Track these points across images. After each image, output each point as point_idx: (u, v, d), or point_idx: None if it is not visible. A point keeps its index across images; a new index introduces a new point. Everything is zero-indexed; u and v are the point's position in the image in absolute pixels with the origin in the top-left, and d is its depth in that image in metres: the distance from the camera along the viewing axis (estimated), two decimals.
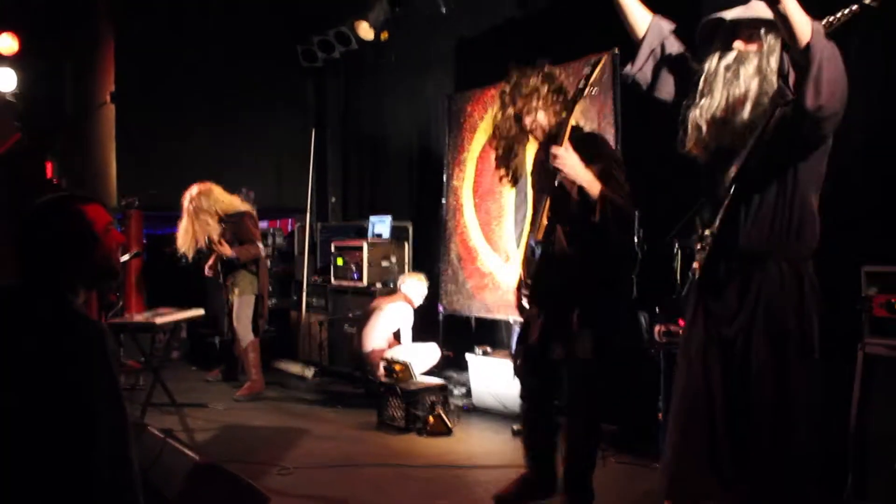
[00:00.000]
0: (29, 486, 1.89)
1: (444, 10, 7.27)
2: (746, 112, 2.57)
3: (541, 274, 3.67)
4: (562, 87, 3.65)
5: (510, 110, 3.67)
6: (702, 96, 2.66)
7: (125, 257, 6.43)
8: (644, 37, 2.89)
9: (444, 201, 6.94)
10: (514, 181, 3.85)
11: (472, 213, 6.62)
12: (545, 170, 3.57)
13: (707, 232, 2.71)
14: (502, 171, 3.81)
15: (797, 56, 2.38)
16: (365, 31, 7.87)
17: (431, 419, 5.27)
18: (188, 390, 6.50)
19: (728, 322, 2.67)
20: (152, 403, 5.47)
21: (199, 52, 8.49)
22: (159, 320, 5.26)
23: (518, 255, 5.92)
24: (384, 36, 7.98)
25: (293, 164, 8.96)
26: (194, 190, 6.43)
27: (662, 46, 2.89)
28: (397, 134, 8.56)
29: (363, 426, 5.54)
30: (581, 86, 3.37)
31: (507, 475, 4.32)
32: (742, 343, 2.62)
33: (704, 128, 2.64)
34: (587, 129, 4.73)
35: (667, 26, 2.90)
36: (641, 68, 2.92)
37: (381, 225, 7.63)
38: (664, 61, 2.90)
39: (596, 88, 5.29)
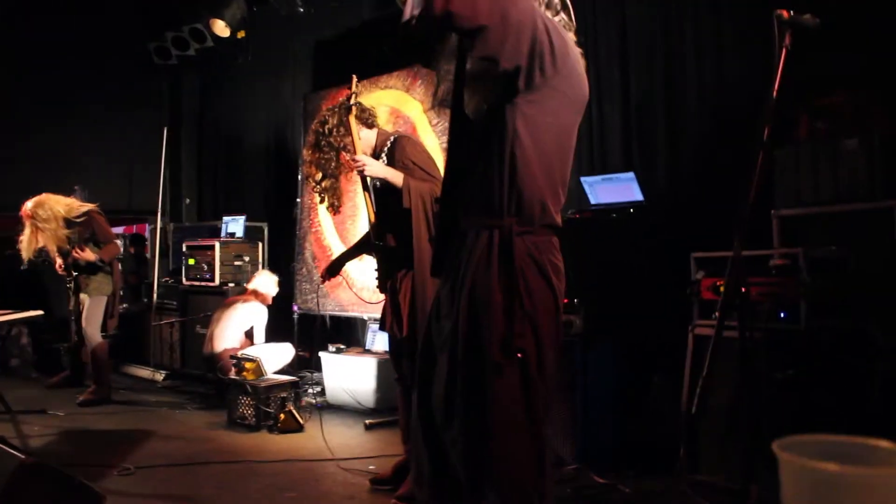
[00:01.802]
0: None
1: (301, 10, 7.27)
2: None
3: (382, 267, 3.86)
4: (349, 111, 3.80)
5: (318, 153, 3.88)
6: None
7: None
8: None
9: (298, 200, 6.91)
10: (337, 209, 4.10)
11: (326, 212, 6.61)
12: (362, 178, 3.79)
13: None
14: (326, 203, 4.04)
15: None
16: (221, 29, 7.76)
17: (282, 416, 5.23)
18: (28, 398, 6.18)
19: (445, 311, 2.30)
20: None
21: (46, 48, 8.14)
22: None
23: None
24: (241, 34, 7.88)
25: (146, 166, 8.65)
26: (28, 205, 6.08)
27: None
28: (255, 134, 8.48)
29: (212, 426, 5.44)
30: (348, 103, 3.74)
31: (356, 467, 4.38)
32: (449, 336, 2.23)
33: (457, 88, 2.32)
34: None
35: None
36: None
37: (234, 224, 7.51)
38: None
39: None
